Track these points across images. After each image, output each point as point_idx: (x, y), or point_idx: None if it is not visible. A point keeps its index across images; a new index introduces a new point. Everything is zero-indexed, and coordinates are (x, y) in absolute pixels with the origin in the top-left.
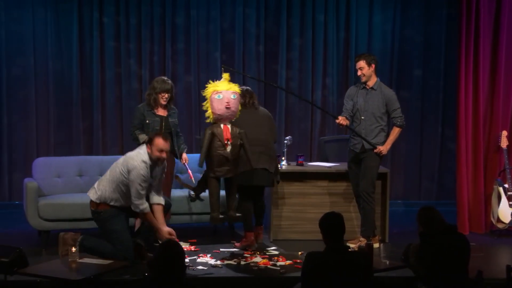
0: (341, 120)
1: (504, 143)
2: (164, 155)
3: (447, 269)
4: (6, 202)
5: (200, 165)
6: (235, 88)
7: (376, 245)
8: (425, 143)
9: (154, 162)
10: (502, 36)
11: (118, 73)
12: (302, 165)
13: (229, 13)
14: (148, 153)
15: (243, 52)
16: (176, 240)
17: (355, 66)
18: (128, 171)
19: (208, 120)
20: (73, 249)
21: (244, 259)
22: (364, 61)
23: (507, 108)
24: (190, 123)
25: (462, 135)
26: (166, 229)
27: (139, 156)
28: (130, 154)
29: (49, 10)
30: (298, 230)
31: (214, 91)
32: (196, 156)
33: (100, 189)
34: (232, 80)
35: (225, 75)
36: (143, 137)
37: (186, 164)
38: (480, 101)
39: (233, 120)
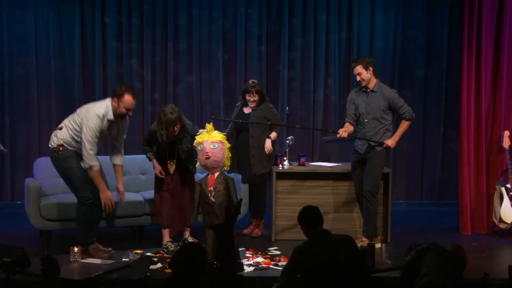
0: (342, 133)
1: (506, 143)
2: (130, 113)
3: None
4: (8, 202)
5: (194, 219)
6: (218, 137)
7: (378, 245)
8: (427, 143)
9: (116, 117)
10: (504, 36)
11: (120, 73)
12: (304, 165)
13: (231, 13)
14: (113, 107)
15: (245, 52)
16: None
17: (351, 72)
18: (81, 123)
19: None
20: (75, 248)
21: (245, 259)
22: (361, 66)
23: (509, 108)
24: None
25: (464, 135)
26: (108, 193)
27: (95, 110)
28: (89, 105)
29: (51, 11)
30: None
31: (198, 142)
32: None
33: (60, 138)
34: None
35: (208, 126)
36: (150, 155)
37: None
38: (482, 101)
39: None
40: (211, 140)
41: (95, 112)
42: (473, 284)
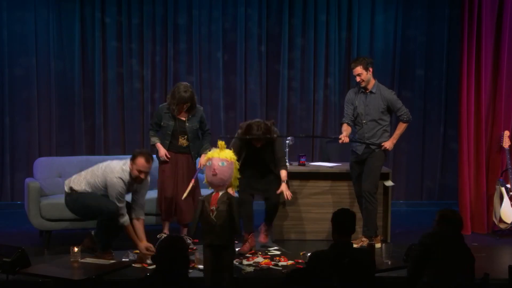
0: (344, 138)
1: (506, 143)
2: (142, 176)
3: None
4: (8, 202)
5: (191, 234)
6: (228, 155)
7: (378, 245)
8: (427, 143)
9: (133, 180)
10: (504, 36)
11: (120, 73)
12: (304, 165)
13: (231, 13)
14: (129, 169)
15: (245, 52)
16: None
17: (351, 72)
18: (106, 186)
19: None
20: (75, 248)
21: (245, 259)
22: (361, 67)
23: (509, 108)
24: None
25: (464, 135)
26: (144, 244)
27: (116, 172)
28: (110, 167)
29: (51, 11)
30: (300, 230)
31: (207, 158)
32: None
33: (77, 185)
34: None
35: (220, 143)
36: (154, 140)
37: (201, 168)
38: (482, 101)
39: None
40: (220, 158)
41: (118, 175)
42: (473, 284)
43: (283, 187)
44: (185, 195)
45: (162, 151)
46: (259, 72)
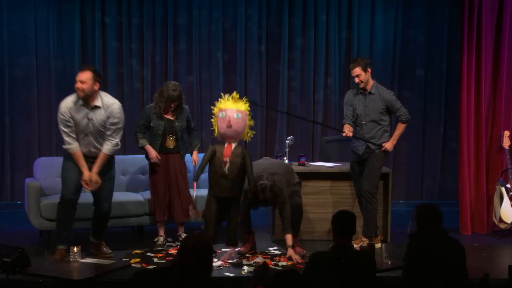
0: (348, 132)
1: (506, 143)
2: (78, 85)
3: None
4: (8, 202)
5: (195, 179)
6: (242, 107)
7: (378, 245)
8: (427, 143)
9: (83, 100)
10: (504, 36)
11: (120, 73)
12: (304, 165)
13: (231, 13)
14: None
15: (245, 52)
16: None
17: (350, 72)
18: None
19: (215, 135)
20: (75, 248)
21: (245, 259)
22: (360, 68)
23: (509, 108)
24: None
25: (464, 135)
26: (87, 173)
27: (65, 99)
28: None
29: (51, 11)
30: (300, 230)
31: (220, 108)
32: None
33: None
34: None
35: (234, 94)
36: (143, 142)
37: (195, 166)
38: (482, 101)
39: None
40: (236, 109)
41: (64, 101)
42: (473, 284)
43: (290, 252)
44: (194, 196)
45: (153, 153)
46: (259, 72)
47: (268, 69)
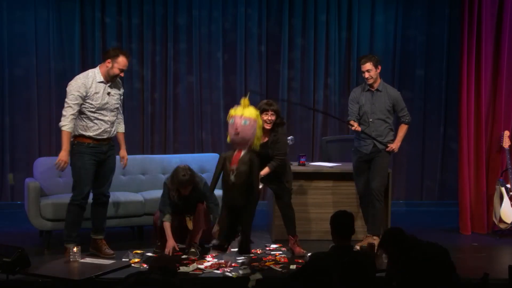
0: (356, 126)
1: (506, 143)
2: (122, 75)
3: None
4: (8, 202)
5: (211, 190)
6: (252, 113)
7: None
8: (427, 143)
9: (109, 80)
10: (504, 36)
11: None
12: (304, 165)
13: (231, 13)
14: (105, 70)
15: (245, 52)
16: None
17: (360, 68)
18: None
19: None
20: (75, 248)
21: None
22: (371, 63)
23: (509, 108)
24: (192, 123)
25: (464, 135)
26: (65, 155)
27: (84, 73)
28: None
29: (51, 11)
30: (300, 230)
31: (230, 115)
32: (195, 156)
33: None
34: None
35: (244, 101)
36: (166, 219)
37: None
38: (482, 101)
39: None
40: (244, 116)
41: (77, 77)
42: (473, 284)
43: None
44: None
45: (170, 245)
46: (259, 72)
47: (268, 69)
